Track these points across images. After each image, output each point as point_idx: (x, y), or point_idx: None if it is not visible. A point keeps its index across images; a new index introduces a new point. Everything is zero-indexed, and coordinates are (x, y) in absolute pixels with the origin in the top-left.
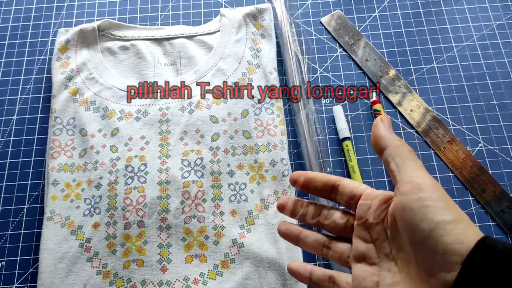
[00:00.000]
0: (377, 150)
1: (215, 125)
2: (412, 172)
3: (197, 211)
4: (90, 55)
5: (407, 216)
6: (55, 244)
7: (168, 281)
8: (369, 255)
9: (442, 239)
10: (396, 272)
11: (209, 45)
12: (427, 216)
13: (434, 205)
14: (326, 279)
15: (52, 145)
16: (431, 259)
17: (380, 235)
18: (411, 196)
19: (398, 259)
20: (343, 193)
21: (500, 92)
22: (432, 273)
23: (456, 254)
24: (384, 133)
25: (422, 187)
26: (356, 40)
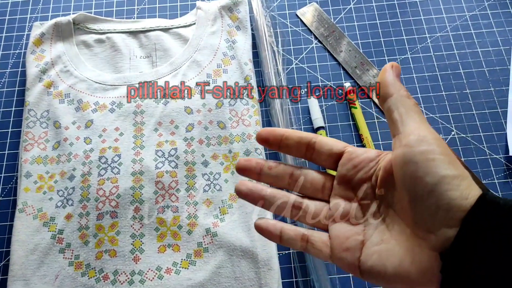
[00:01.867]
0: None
1: (190, 116)
2: (416, 125)
3: (171, 201)
4: (65, 48)
5: (409, 169)
6: (27, 236)
7: (140, 270)
8: (352, 214)
9: (447, 194)
10: (385, 230)
11: (185, 38)
12: (432, 170)
13: (439, 158)
14: (298, 238)
15: (25, 137)
16: (433, 214)
17: (367, 194)
18: (415, 148)
19: (387, 217)
20: (320, 151)
21: (472, 81)
22: (431, 229)
23: (460, 210)
24: (392, 80)
25: (427, 140)
26: (331, 31)
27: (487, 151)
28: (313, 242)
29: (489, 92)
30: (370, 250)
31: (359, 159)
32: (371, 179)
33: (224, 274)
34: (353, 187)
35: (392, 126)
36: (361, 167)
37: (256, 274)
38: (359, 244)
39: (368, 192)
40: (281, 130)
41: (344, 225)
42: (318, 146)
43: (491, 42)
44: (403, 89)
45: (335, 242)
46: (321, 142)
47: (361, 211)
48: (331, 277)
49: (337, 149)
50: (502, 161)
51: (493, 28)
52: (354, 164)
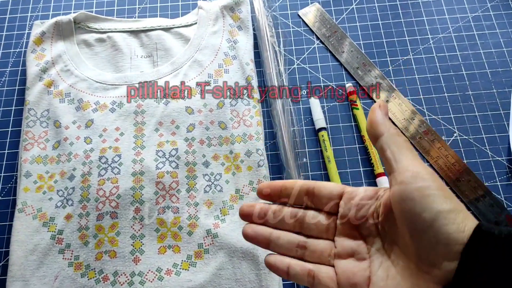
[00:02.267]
0: (372, 136)
1: (191, 116)
2: (409, 161)
3: (171, 201)
4: (66, 47)
5: (407, 206)
6: (26, 236)
7: (140, 272)
8: (358, 251)
9: (444, 228)
10: (390, 266)
11: (186, 37)
12: (429, 206)
13: (435, 194)
14: (305, 274)
15: (25, 137)
16: (433, 249)
17: (371, 231)
18: (410, 185)
19: (392, 252)
20: (320, 195)
21: (475, 82)
22: (434, 263)
23: (458, 243)
24: (381, 119)
25: (421, 176)
26: (333, 32)
27: (490, 153)
28: (320, 278)
29: (491, 93)
30: (377, 285)
31: (358, 198)
32: (373, 215)
33: (224, 276)
34: (356, 226)
35: (386, 164)
36: (361, 206)
37: (256, 276)
38: (366, 280)
39: (372, 229)
40: (280, 182)
41: (350, 261)
42: (318, 192)
43: (493, 44)
44: (393, 127)
45: (342, 277)
46: (320, 187)
47: (366, 248)
48: None
49: (337, 192)
50: (504, 163)
51: (496, 29)
52: (354, 204)
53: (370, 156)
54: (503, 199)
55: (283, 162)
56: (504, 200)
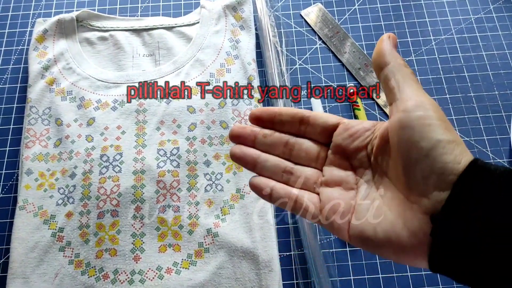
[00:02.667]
0: (378, 64)
1: (192, 115)
2: (414, 91)
3: (172, 200)
4: (68, 45)
5: (405, 134)
6: (27, 234)
7: (140, 270)
8: (346, 181)
9: (441, 157)
10: (377, 197)
11: (188, 36)
12: (428, 135)
13: (435, 123)
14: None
15: (27, 134)
16: (426, 178)
17: (362, 162)
18: (412, 113)
19: (381, 184)
20: (315, 124)
21: (477, 84)
22: (424, 192)
23: (453, 173)
24: (390, 49)
25: (423, 105)
26: (336, 32)
27: (491, 155)
28: (302, 202)
29: (493, 95)
30: (360, 214)
31: (355, 129)
32: (367, 148)
33: (224, 275)
34: (348, 156)
35: (389, 93)
36: (356, 137)
37: (257, 276)
38: (350, 208)
39: (363, 161)
40: (275, 108)
41: (336, 189)
42: (313, 120)
43: (496, 46)
44: (400, 58)
45: (325, 204)
46: (316, 116)
47: (355, 178)
48: (332, 280)
49: (332, 121)
50: (506, 165)
51: (498, 31)
52: (349, 134)
53: None
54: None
55: None
56: None
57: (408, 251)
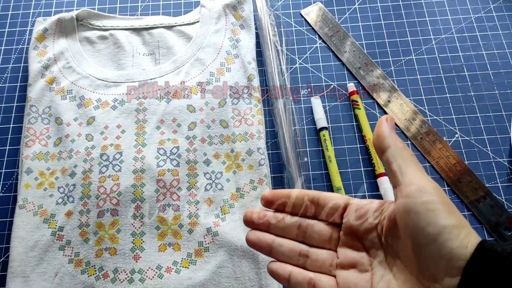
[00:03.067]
0: (379, 148)
1: (192, 114)
2: (415, 175)
3: (172, 199)
4: (68, 44)
5: (411, 220)
6: (27, 233)
7: (140, 269)
8: (361, 262)
9: (447, 243)
10: (392, 279)
11: (189, 35)
12: (433, 220)
13: (439, 208)
14: (305, 282)
15: (26, 133)
16: (435, 264)
17: (374, 243)
18: (415, 199)
19: (394, 266)
20: (324, 206)
21: (477, 83)
22: (435, 278)
23: (461, 259)
24: (388, 132)
25: (426, 190)
26: (336, 31)
27: (491, 154)
28: (320, 287)
29: (493, 95)
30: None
31: (363, 210)
32: (377, 228)
33: (224, 274)
34: (359, 237)
35: (392, 177)
36: (366, 218)
37: (256, 275)
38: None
39: (375, 242)
40: (285, 191)
41: (352, 272)
42: (322, 202)
43: (496, 45)
44: (399, 141)
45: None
46: (325, 197)
47: (368, 259)
48: None
49: (341, 202)
50: (505, 164)
51: (499, 30)
52: (359, 215)
53: (371, 156)
54: (503, 200)
55: (284, 161)
56: (504, 202)
57: None
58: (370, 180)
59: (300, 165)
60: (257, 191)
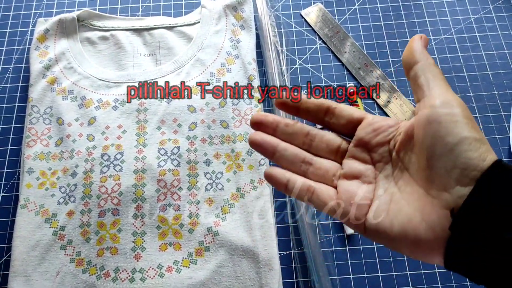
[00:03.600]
0: (408, 62)
1: (193, 115)
2: (442, 90)
3: (173, 199)
4: (69, 45)
5: (432, 129)
6: (28, 232)
7: (141, 268)
8: (365, 174)
9: (466, 153)
10: (396, 192)
11: (189, 36)
12: (454, 130)
13: (462, 121)
14: (304, 188)
15: (28, 133)
16: (449, 172)
17: (383, 157)
18: (440, 109)
19: (401, 179)
20: (340, 116)
21: (476, 84)
22: (446, 187)
23: (476, 169)
24: (420, 48)
25: (451, 103)
26: (336, 32)
27: None
28: (318, 194)
29: (492, 95)
30: (378, 207)
31: (379, 124)
32: (389, 143)
33: (225, 274)
34: (369, 150)
35: (418, 90)
36: (380, 131)
37: (257, 274)
38: (367, 201)
39: (384, 155)
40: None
41: (354, 182)
42: (338, 112)
43: (495, 45)
44: (430, 58)
45: (343, 196)
46: (342, 108)
47: (374, 172)
48: (332, 278)
49: (357, 115)
50: None
51: (498, 31)
52: (373, 128)
53: None
54: None
55: None
56: None
57: (423, 246)
58: None
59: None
60: (257, 191)
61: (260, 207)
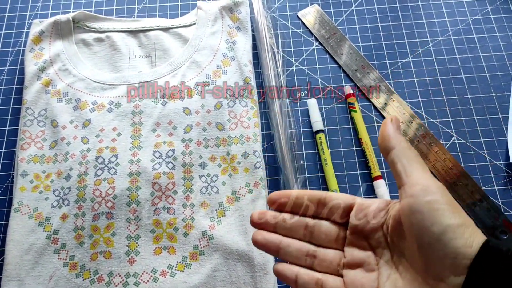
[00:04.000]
0: (384, 149)
1: (188, 117)
2: (420, 175)
3: (167, 202)
4: (64, 47)
5: (416, 219)
6: (22, 236)
7: (135, 273)
8: (367, 261)
9: (452, 242)
10: (398, 279)
11: (185, 38)
12: (437, 219)
13: (443, 208)
14: (313, 283)
15: (22, 136)
16: (440, 263)
17: (380, 242)
18: (420, 199)
19: (400, 265)
20: (333, 207)
21: (474, 86)
22: (440, 277)
23: (466, 257)
24: (393, 133)
25: (431, 189)
26: (332, 34)
27: (487, 157)
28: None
29: (490, 97)
30: None
31: (369, 210)
32: (383, 227)
33: (219, 278)
34: (365, 237)
35: (397, 177)
36: (371, 217)
37: (252, 278)
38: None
39: (381, 241)
40: (292, 191)
41: (358, 271)
42: (329, 201)
43: (493, 47)
44: (404, 141)
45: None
46: (332, 197)
47: (375, 259)
48: None
49: (347, 203)
50: (502, 167)
51: (496, 33)
52: (364, 214)
53: (367, 159)
54: (500, 203)
55: (280, 164)
56: (501, 205)
57: None
58: (366, 183)
59: (296, 168)
60: (252, 194)
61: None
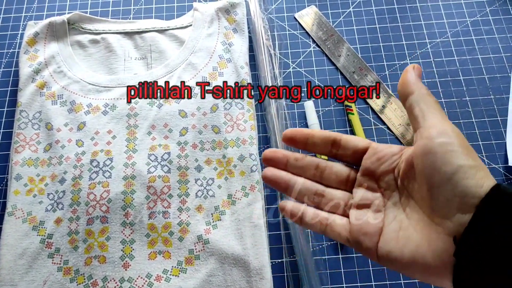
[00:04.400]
0: (403, 94)
1: (184, 120)
2: (437, 119)
3: (162, 206)
4: (59, 48)
5: (429, 160)
6: (15, 240)
7: (130, 277)
8: (375, 203)
9: (463, 182)
10: (404, 219)
11: (181, 39)
12: (450, 160)
13: (457, 150)
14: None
15: (16, 139)
16: (449, 201)
17: (390, 185)
18: (435, 140)
19: (407, 207)
20: (346, 147)
21: (472, 88)
22: (448, 215)
23: (475, 196)
24: (414, 79)
25: (446, 132)
26: (330, 35)
27: (486, 160)
28: (332, 225)
29: (489, 100)
30: (388, 236)
31: (383, 153)
32: (394, 171)
33: (215, 283)
34: (376, 179)
35: (413, 121)
36: (384, 160)
37: (248, 283)
38: (378, 230)
39: (391, 183)
40: (307, 130)
41: (365, 211)
42: (344, 143)
43: (492, 49)
44: (424, 88)
45: (355, 226)
46: (347, 139)
47: (383, 200)
48: (324, 287)
49: (362, 145)
50: (501, 171)
51: (495, 34)
52: (378, 157)
53: None
54: None
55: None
56: None
57: (433, 272)
58: None
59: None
60: (249, 198)
61: (252, 215)
